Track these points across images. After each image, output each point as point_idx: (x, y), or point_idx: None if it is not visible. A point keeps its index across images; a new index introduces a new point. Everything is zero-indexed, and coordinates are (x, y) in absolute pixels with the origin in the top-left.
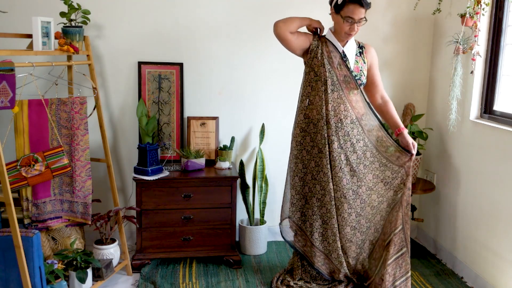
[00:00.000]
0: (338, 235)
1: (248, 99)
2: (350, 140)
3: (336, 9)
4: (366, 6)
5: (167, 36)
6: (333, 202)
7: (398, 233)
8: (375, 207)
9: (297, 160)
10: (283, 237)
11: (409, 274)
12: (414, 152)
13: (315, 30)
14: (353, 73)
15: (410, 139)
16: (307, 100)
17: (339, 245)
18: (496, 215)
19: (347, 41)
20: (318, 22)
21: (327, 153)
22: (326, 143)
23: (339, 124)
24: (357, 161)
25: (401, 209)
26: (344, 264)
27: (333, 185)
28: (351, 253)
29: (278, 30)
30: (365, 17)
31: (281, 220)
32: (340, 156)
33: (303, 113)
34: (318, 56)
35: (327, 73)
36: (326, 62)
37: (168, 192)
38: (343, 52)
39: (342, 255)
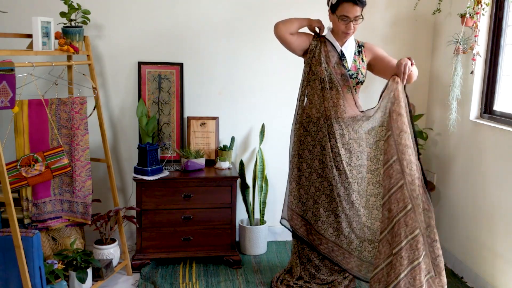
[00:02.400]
0: (353, 225)
1: (248, 99)
2: (345, 136)
3: (332, 9)
4: (361, 4)
5: (167, 36)
6: (341, 196)
7: (408, 213)
8: (372, 198)
9: (301, 159)
10: (290, 227)
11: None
12: (402, 74)
13: (316, 30)
14: (350, 71)
15: (404, 61)
16: (305, 98)
17: (357, 234)
18: (496, 215)
19: (346, 41)
20: (318, 21)
21: (330, 149)
22: (328, 140)
23: (338, 120)
24: (355, 158)
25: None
26: (364, 252)
27: (338, 181)
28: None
29: (278, 31)
30: (361, 15)
31: (282, 218)
32: (340, 151)
33: (302, 112)
34: (316, 55)
35: (324, 72)
36: (323, 61)
37: (168, 192)
38: (341, 51)
39: (359, 244)
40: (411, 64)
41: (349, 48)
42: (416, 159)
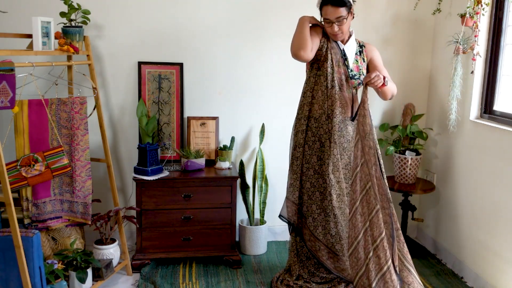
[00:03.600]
0: (339, 226)
1: (248, 99)
2: (345, 136)
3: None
4: (340, 4)
5: (167, 36)
6: (332, 195)
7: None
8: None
9: (300, 155)
10: (287, 219)
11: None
12: (373, 76)
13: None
14: (352, 72)
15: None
16: (310, 94)
17: (341, 236)
18: (496, 215)
19: (348, 40)
20: (312, 18)
21: (328, 147)
22: (327, 137)
23: (337, 119)
24: (345, 161)
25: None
26: (347, 255)
27: (332, 178)
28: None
29: (302, 58)
30: (346, 16)
31: (280, 215)
32: (337, 151)
33: (306, 107)
34: (323, 51)
35: (329, 69)
36: (329, 57)
37: (168, 192)
38: (343, 50)
39: (345, 246)
40: (382, 83)
41: (350, 48)
42: (376, 159)
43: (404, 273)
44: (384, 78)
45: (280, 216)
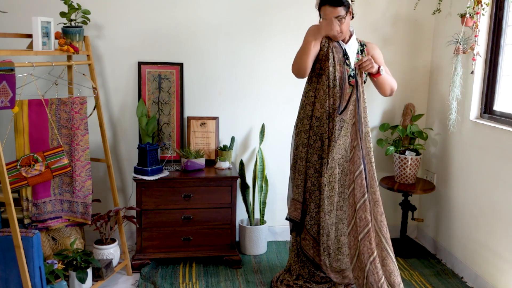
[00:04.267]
0: (334, 228)
1: (248, 99)
2: (346, 135)
3: (319, 15)
4: (337, 4)
5: (167, 36)
6: (325, 194)
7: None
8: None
9: (304, 155)
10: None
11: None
12: (364, 60)
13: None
14: (354, 71)
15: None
16: (312, 93)
17: (332, 238)
18: (496, 215)
19: (349, 39)
20: (318, 31)
21: (327, 146)
22: (327, 137)
23: (338, 118)
24: (345, 144)
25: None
26: (328, 260)
27: (331, 178)
28: (344, 250)
29: (303, 75)
30: (344, 15)
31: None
32: (336, 150)
33: (308, 106)
34: (325, 50)
35: (330, 68)
36: (330, 56)
37: (168, 192)
38: (345, 49)
39: (332, 249)
40: (376, 71)
41: (352, 47)
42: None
43: (387, 260)
44: (379, 67)
45: (288, 218)
